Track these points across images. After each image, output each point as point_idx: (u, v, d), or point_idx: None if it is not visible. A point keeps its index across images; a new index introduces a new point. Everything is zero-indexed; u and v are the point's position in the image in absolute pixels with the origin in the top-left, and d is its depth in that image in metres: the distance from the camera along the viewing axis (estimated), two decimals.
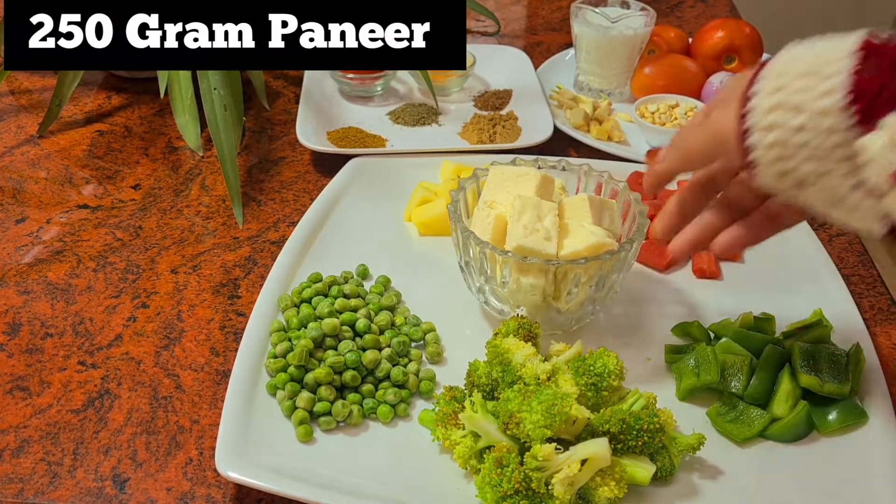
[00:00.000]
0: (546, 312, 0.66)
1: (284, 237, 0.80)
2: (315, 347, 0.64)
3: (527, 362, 0.58)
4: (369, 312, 0.68)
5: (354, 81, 1.05)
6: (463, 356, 0.64)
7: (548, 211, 0.64)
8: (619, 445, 0.54)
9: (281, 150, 0.96)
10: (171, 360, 0.67)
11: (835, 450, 0.59)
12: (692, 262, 0.77)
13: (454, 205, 0.68)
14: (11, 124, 1.00)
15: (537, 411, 0.52)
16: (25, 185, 0.89)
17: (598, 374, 0.57)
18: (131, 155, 0.95)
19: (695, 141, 0.53)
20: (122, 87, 1.10)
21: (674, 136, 0.57)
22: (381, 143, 0.95)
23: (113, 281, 0.75)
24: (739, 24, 1.08)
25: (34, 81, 1.11)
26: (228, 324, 0.71)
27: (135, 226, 0.83)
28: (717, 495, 0.56)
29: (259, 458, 0.56)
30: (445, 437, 0.57)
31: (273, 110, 1.05)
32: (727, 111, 0.48)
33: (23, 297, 0.73)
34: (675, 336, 0.69)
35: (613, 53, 1.04)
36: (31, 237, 0.81)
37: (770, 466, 0.58)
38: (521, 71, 1.10)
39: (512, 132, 0.97)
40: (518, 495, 0.51)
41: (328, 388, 0.61)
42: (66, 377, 0.65)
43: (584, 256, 0.62)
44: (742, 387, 0.62)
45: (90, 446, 0.60)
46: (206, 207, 0.86)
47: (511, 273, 0.63)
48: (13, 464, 0.58)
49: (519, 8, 1.40)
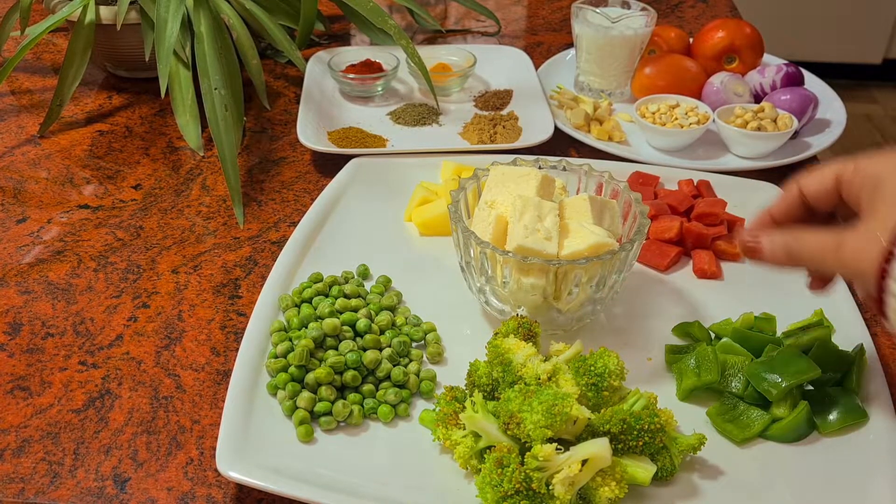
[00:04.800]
0: (547, 312, 0.66)
1: (285, 237, 0.80)
2: (316, 347, 0.64)
3: (527, 362, 0.58)
4: (370, 312, 0.68)
5: (355, 81, 1.05)
6: (463, 356, 0.64)
7: (548, 211, 0.64)
8: (619, 445, 0.55)
9: (281, 151, 0.96)
10: (171, 360, 0.67)
11: (835, 450, 0.59)
12: (692, 261, 0.77)
13: (455, 205, 0.68)
14: (12, 124, 1.01)
15: (538, 411, 0.52)
16: (26, 185, 0.89)
17: (598, 375, 0.57)
18: (132, 155, 0.95)
19: (819, 263, 0.51)
20: (122, 87, 1.10)
21: (790, 244, 0.53)
22: (381, 144, 0.95)
23: (113, 281, 0.76)
24: (740, 24, 1.08)
25: (35, 81, 1.12)
26: (229, 324, 0.71)
27: (135, 226, 0.83)
28: (718, 495, 0.56)
29: (259, 458, 0.56)
30: (446, 437, 0.57)
31: (274, 110, 1.05)
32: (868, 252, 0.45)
33: (23, 297, 0.73)
34: (676, 336, 0.69)
35: (614, 53, 1.04)
36: (31, 237, 0.81)
37: (770, 466, 0.58)
38: (521, 71, 1.10)
39: (512, 132, 0.97)
40: (518, 495, 0.51)
41: (329, 388, 0.61)
42: (67, 377, 0.65)
43: (584, 256, 0.62)
44: (742, 387, 0.62)
45: (91, 446, 0.60)
46: (206, 207, 0.86)
47: (512, 273, 0.63)
48: (14, 463, 0.58)
49: (519, 8, 1.40)
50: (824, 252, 0.50)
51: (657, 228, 0.79)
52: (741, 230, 0.54)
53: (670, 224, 0.78)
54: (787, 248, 0.53)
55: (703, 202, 0.80)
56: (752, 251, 0.55)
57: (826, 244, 0.50)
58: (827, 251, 0.50)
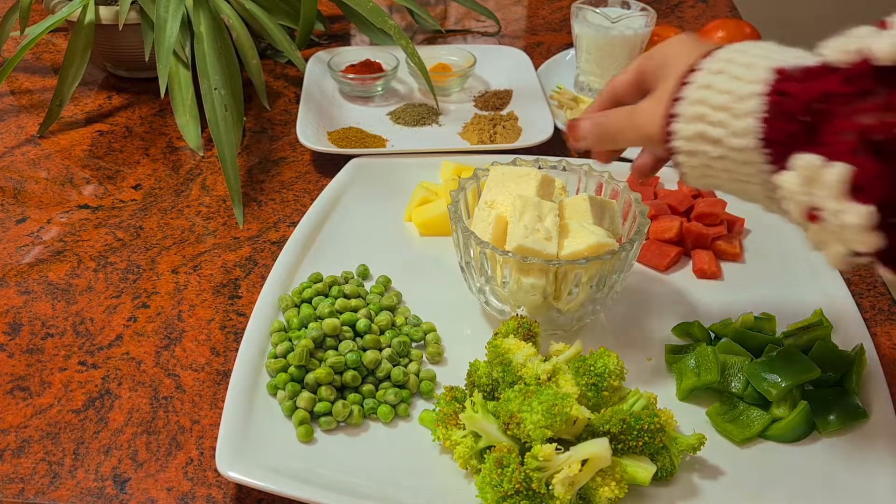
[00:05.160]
0: (547, 312, 0.66)
1: (285, 237, 0.80)
2: (315, 347, 0.64)
3: (527, 362, 0.58)
4: (370, 312, 0.68)
5: (355, 81, 1.05)
6: (463, 356, 0.64)
7: (548, 211, 0.64)
8: (619, 445, 0.55)
9: (281, 151, 0.96)
10: (171, 360, 0.67)
11: (835, 450, 0.59)
12: (692, 261, 0.77)
13: (454, 205, 0.68)
14: (12, 124, 1.01)
15: (538, 411, 0.52)
16: (26, 185, 0.89)
17: (598, 375, 0.57)
18: (132, 155, 0.95)
19: (621, 133, 0.56)
20: (122, 87, 1.10)
21: (597, 119, 0.58)
22: (381, 144, 0.95)
23: (113, 281, 0.76)
24: (739, 25, 1.08)
25: (34, 81, 1.12)
26: (229, 324, 0.71)
27: (135, 226, 0.83)
28: (718, 495, 0.56)
29: (259, 458, 0.56)
30: (446, 437, 0.57)
31: (273, 110, 1.05)
32: (654, 115, 0.50)
33: (23, 298, 0.73)
34: (676, 336, 0.69)
35: (614, 53, 1.04)
36: (31, 237, 0.81)
37: (770, 466, 0.58)
38: (521, 71, 1.10)
39: (512, 132, 0.97)
40: (518, 495, 0.51)
41: (328, 388, 0.61)
42: (67, 377, 0.65)
43: (584, 256, 0.62)
44: (742, 387, 0.62)
45: (91, 446, 0.60)
46: (206, 207, 0.86)
47: (511, 273, 0.63)
48: (14, 464, 0.58)
49: (519, 8, 1.40)
50: (621, 122, 0.55)
51: (657, 228, 0.79)
52: None
53: (670, 224, 0.78)
54: (595, 123, 0.58)
55: (702, 202, 0.80)
56: (571, 130, 0.60)
57: (623, 113, 0.55)
58: (622, 120, 0.55)
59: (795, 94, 0.42)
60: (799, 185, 0.41)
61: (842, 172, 0.39)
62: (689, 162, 0.48)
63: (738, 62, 0.45)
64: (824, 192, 0.40)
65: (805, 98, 0.41)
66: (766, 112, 0.43)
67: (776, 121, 0.42)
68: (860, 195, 0.39)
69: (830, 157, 0.39)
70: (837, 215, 0.40)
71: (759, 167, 0.44)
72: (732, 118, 0.44)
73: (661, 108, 0.49)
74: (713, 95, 0.45)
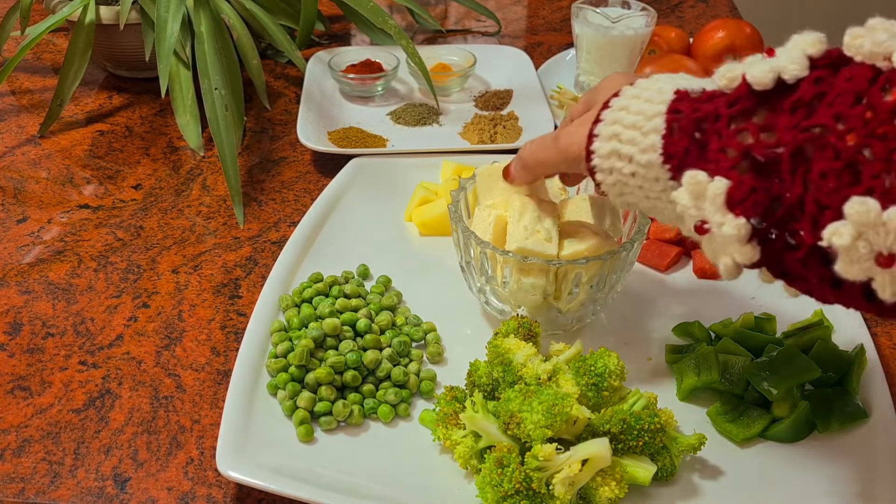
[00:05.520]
0: (547, 312, 0.66)
1: (285, 237, 0.80)
2: (316, 347, 0.64)
3: (527, 362, 0.58)
4: (370, 312, 0.68)
5: (355, 81, 1.05)
6: (463, 356, 0.64)
7: (548, 211, 0.64)
8: (619, 445, 0.55)
9: (282, 150, 0.96)
10: (171, 360, 0.67)
11: (835, 450, 0.59)
12: (693, 261, 0.77)
13: (455, 205, 0.68)
14: (12, 124, 1.01)
15: (538, 411, 0.52)
16: (26, 185, 0.89)
17: (598, 374, 0.57)
18: (132, 155, 0.95)
19: (547, 158, 0.57)
20: (122, 86, 1.10)
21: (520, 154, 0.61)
22: (381, 144, 0.95)
23: (114, 281, 0.76)
24: (740, 25, 1.08)
25: (35, 81, 1.12)
26: (229, 324, 0.71)
27: (136, 226, 0.83)
28: (718, 495, 0.56)
29: (260, 457, 0.56)
30: (446, 437, 0.57)
31: (274, 110, 1.05)
32: (578, 136, 0.52)
33: (24, 297, 0.73)
34: (676, 336, 0.69)
35: (614, 53, 1.04)
36: (31, 237, 0.81)
37: (770, 466, 0.58)
38: (521, 71, 1.10)
39: (512, 132, 0.97)
40: (518, 495, 0.51)
41: (329, 388, 0.61)
42: (67, 377, 0.65)
43: (584, 256, 0.62)
44: (742, 387, 0.62)
45: (91, 446, 0.60)
46: (206, 207, 0.86)
47: (512, 273, 0.63)
48: (14, 463, 0.58)
49: (519, 8, 1.40)
50: (546, 148, 0.57)
51: (657, 228, 0.79)
52: None
53: None
54: (519, 157, 0.61)
55: None
56: (505, 175, 0.63)
57: (546, 140, 0.57)
58: (548, 146, 0.57)
59: (686, 112, 0.45)
60: (689, 200, 0.43)
61: (720, 186, 0.42)
62: (607, 180, 0.50)
63: (652, 88, 0.48)
64: (707, 205, 0.42)
65: (694, 117, 0.44)
66: (665, 129, 0.46)
67: (672, 136, 0.45)
68: (738, 208, 0.41)
69: (714, 173, 0.42)
70: (720, 227, 0.42)
71: (664, 183, 0.47)
72: (641, 135, 0.47)
73: (584, 130, 0.52)
74: (627, 116, 0.48)
